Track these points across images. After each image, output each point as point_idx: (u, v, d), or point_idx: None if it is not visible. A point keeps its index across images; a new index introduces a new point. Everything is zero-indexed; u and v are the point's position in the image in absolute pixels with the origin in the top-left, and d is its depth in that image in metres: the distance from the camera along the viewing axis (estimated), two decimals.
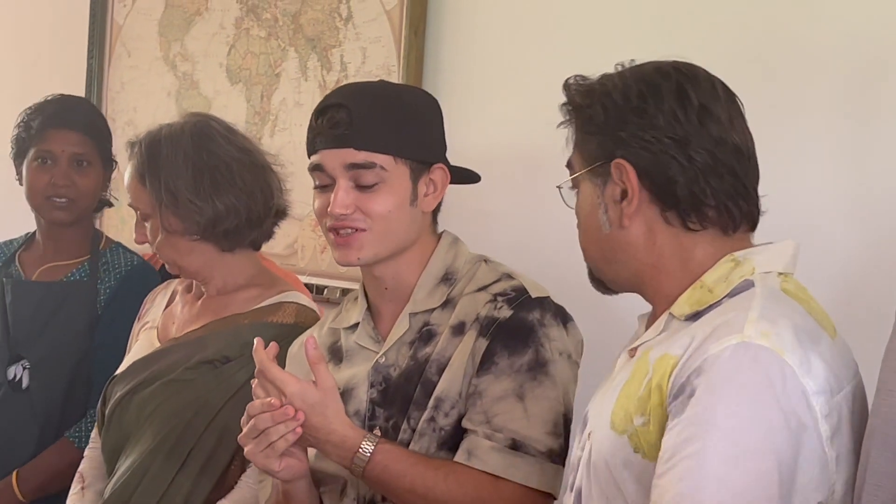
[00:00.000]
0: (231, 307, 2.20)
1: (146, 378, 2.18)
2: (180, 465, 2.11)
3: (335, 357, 1.94)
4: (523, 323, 1.80)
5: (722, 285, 1.52)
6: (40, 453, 2.57)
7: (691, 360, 1.44)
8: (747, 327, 1.42)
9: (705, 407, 1.40)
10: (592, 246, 1.62)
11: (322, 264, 2.83)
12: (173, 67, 3.20)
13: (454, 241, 1.94)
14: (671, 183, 1.54)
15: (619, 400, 1.53)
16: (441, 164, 1.88)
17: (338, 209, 1.82)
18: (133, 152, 2.20)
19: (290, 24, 2.92)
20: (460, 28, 2.61)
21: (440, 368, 1.82)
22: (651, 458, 1.46)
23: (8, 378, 2.62)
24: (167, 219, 2.16)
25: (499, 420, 1.76)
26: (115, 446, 2.21)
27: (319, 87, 2.85)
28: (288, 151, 2.87)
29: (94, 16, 3.36)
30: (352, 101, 1.84)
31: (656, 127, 1.54)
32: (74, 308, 2.60)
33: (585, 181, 1.60)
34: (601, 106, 1.57)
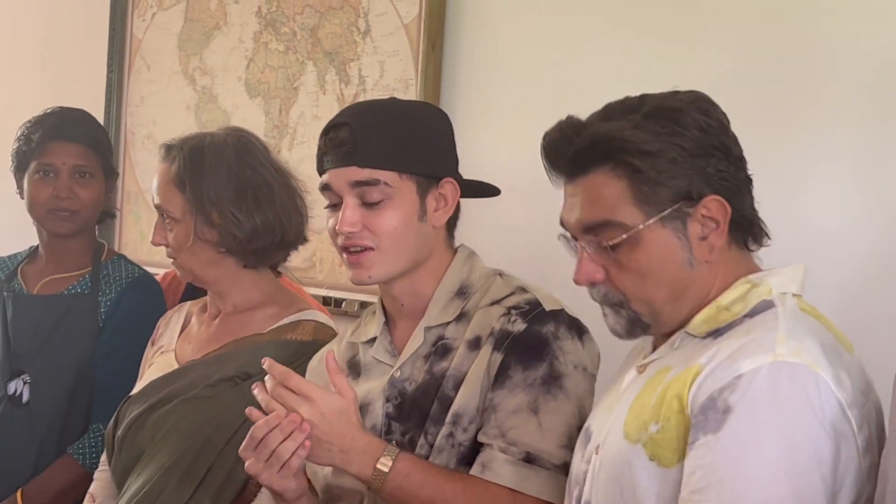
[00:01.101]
0: (250, 326, 2.19)
1: (163, 397, 2.17)
2: (199, 482, 2.10)
3: (353, 371, 1.94)
4: (537, 336, 1.80)
5: (739, 305, 1.54)
6: (42, 469, 2.55)
7: (718, 373, 1.45)
8: (778, 346, 1.45)
9: (748, 427, 1.42)
10: (664, 289, 1.57)
11: (340, 277, 2.82)
12: (192, 81, 3.20)
13: (470, 255, 1.93)
14: (745, 209, 1.57)
15: (632, 410, 1.54)
16: (450, 178, 1.87)
17: (345, 227, 1.82)
18: (171, 156, 2.19)
19: (308, 37, 2.91)
20: (478, 42, 2.61)
21: (457, 383, 1.81)
22: (667, 464, 1.47)
23: (8, 393, 2.60)
24: (201, 228, 2.15)
25: (513, 434, 1.76)
26: (127, 466, 2.19)
27: (337, 101, 2.84)
28: (306, 165, 2.86)
29: (114, 30, 3.37)
30: (355, 120, 1.85)
31: (731, 157, 1.57)
32: (75, 321, 2.58)
33: (655, 228, 1.55)
34: (678, 147, 1.54)
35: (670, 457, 1.48)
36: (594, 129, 1.58)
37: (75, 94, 3.12)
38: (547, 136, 1.62)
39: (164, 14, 3.27)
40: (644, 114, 1.56)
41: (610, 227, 1.55)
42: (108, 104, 3.35)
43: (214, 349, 2.19)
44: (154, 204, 2.21)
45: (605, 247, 1.56)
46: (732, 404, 1.42)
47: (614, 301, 1.59)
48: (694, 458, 1.44)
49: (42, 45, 3.65)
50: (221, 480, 2.10)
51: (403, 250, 1.84)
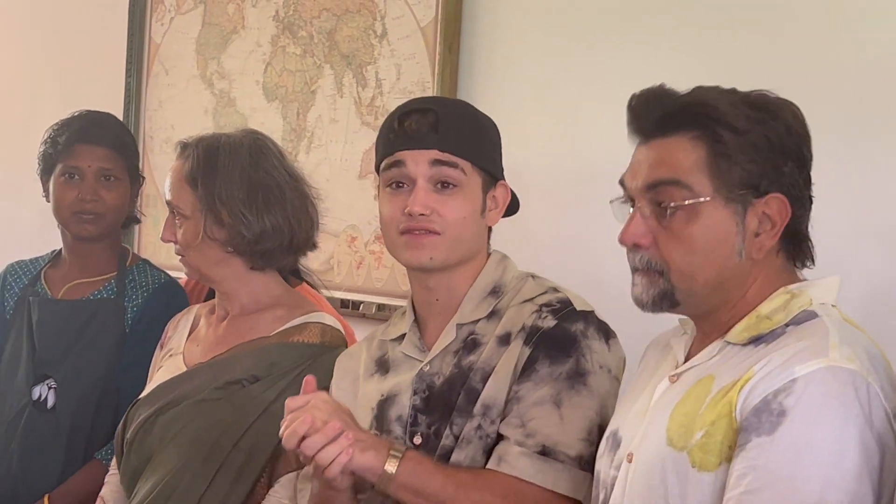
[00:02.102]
0: (257, 329, 2.18)
1: (172, 399, 2.16)
2: (208, 483, 2.09)
3: (382, 368, 1.95)
4: (566, 333, 1.81)
5: (781, 314, 1.55)
6: (69, 474, 2.54)
7: (772, 378, 1.46)
8: (832, 352, 1.45)
9: (803, 429, 1.42)
10: (709, 269, 1.56)
11: (358, 280, 2.82)
12: (210, 85, 3.21)
13: (503, 258, 1.95)
14: (801, 224, 1.57)
15: (674, 419, 1.53)
16: (504, 182, 1.91)
17: (418, 207, 1.83)
18: (186, 153, 2.19)
19: (325, 41, 2.91)
20: (494, 45, 2.60)
21: (484, 376, 1.82)
22: (709, 468, 1.48)
23: (33, 398, 2.58)
24: (211, 226, 2.15)
25: (533, 424, 1.77)
26: (136, 469, 2.19)
27: (355, 104, 2.84)
28: (323, 168, 2.88)
29: (132, 35, 3.37)
30: (439, 108, 1.90)
31: (804, 169, 1.57)
32: (101, 326, 2.57)
33: (717, 205, 1.55)
34: (764, 136, 1.54)
35: (713, 461, 1.48)
36: (690, 95, 1.58)
37: (95, 99, 3.11)
38: (637, 96, 1.61)
39: (182, 18, 3.28)
40: (741, 97, 1.57)
41: (677, 188, 1.55)
42: (126, 108, 3.36)
43: (222, 352, 2.18)
44: (166, 200, 2.21)
45: (664, 207, 1.55)
46: (788, 407, 1.43)
47: (655, 268, 1.57)
48: (746, 458, 1.44)
49: (62, 51, 3.65)
50: (231, 481, 2.10)
51: (463, 241, 1.87)
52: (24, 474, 2.58)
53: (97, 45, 3.50)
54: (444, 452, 1.82)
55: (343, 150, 2.89)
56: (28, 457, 2.58)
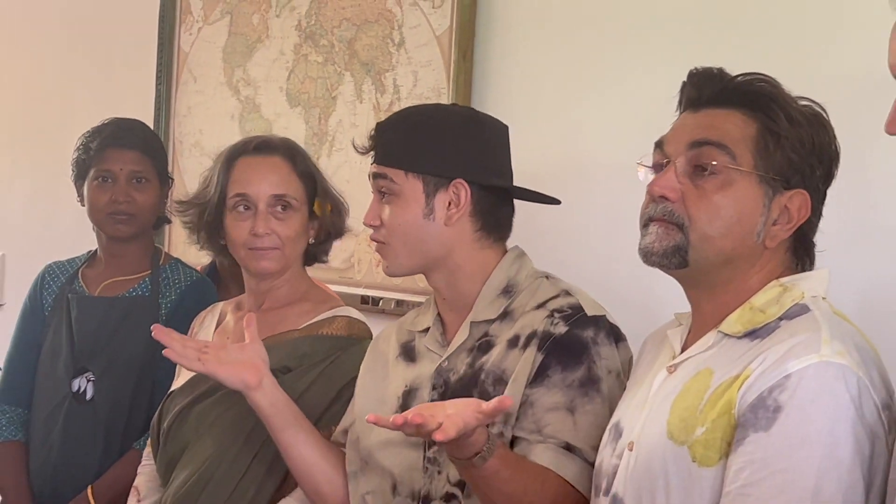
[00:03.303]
0: (285, 322, 2.21)
1: (206, 390, 2.18)
2: (244, 470, 2.11)
3: (408, 356, 1.97)
4: (577, 340, 1.80)
5: (774, 307, 1.55)
6: (107, 463, 2.57)
7: (767, 375, 1.46)
8: (823, 347, 1.46)
9: (798, 424, 1.43)
10: (728, 239, 1.56)
11: (377, 277, 2.84)
12: (236, 92, 3.23)
13: (519, 255, 1.94)
14: (811, 227, 1.60)
15: (675, 412, 1.54)
16: (460, 179, 1.87)
17: (365, 220, 1.92)
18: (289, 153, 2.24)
19: (345, 49, 2.94)
20: (507, 52, 2.62)
21: (496, 380, 1.82)
22: (709, 463, 1.49)
23: (72, 390, 2.62)
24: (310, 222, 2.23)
25: (549, 429, 1.76)
26: (172, 458, 2.21)
27: (373, 109, 2.86)
28: (344, 170, 2.90)
29: (162, 44, 3.40)
30: (383, 123, 1.94)
31: (826, 180, 1.60)
32: (137, 321, 2.58)
33: (751, 181, 1.56)
34: (810, 136, 1.57)
35: (714, 456, 1.48)
36: (755, 76, 1.60)
37: (126, 106, 3.15)
38: (698, 70, 1.62)
39: (210, 28, 3.31)
40: (796, 99, 1.60)
41: (721, 152, 1.55)
42: (157, 115, 3.38)
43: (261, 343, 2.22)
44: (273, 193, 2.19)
45: (702, 167, 1.55)
46: (782, 403, 1.43)
47: (677, 221, 1.56)
48: (743, 453, 1.45)
49: (95, 60, 3.68)
50: (266, 468, 2.12)
51: (411, 246, 1.88)
52: (64, 463, 2.61)
53: (129, 54, 3.54)
54: None
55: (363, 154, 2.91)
56: (68, 446, 2.61)
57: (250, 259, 2.19)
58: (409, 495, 1.88)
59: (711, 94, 1.59)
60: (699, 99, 1.60)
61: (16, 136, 3.94)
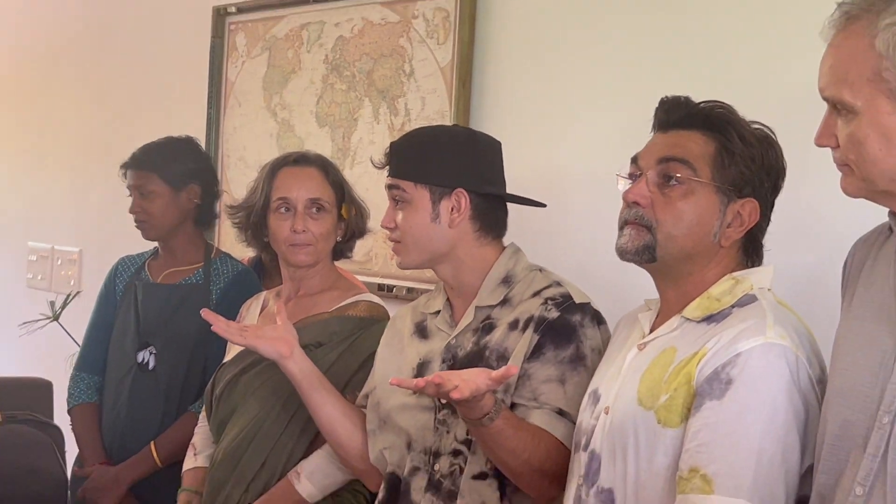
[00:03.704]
0: (318, 306, 2.22)
1: (252, 362, 2.19)
2: (283, 428, 2.13)
3: (421, 333, 1.97)
4: (567, 323, 1.81)
5: (727, 297, 1.56)
6: (167, 424, 2.58)
7: (721, 353, 1.47)
8: (768, 331, 1.47)
9: (746, 394, 1.44)
10: (688, 238, 1.57)
11: (391, 268, 2.84)
12: (274, 115, 3.22)
13: (516, 251, 1.94)
14: (760, 232, 1.61)
15: (644, 382, 1.55)
16: (460, 190, 1.87)
17: (382, 223, 1.93)
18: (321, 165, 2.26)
19: (365, 79, 2.94)
20: (499, 81, 2.62)
21: (499, 356, 1.82)
22: (672, 425, 1.50)
23: (138, 361, 2.63)
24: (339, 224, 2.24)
25: (544, 398, 1.77)
26: (223, 419, 2.22)
27: (388, 129, 2.86)
28: (364, 180, 2.89)
29: (213, 75, 3.39)
30: (397, 142, 1.95)
31: (774, 192, 1.61)
32: (192, 305, 2.59)
33: (709, 191, 1.56)
34: (760, 154, 1.57)
35: (675, 419, 1.49)
36: (715, 103, 1.61)
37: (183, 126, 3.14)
38: (668, 97, 1.63)
39: (252, 62, 3.30)
40: (751, 121, 1.61)
41: (684, 165, 1.56)
42: (208, 133, 3.38)
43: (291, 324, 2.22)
44: (309, 197, 2.20)
45: (668, 177, 1.56)
46: (733, 377, 1.45)
47: (645, 223, 1.58)
48: (700, 418, 1.46)
49: (156, 88, 3.69)
50: (301, 426, 2.13)
51: (421, 245, 1.88)
52: (131, 424, 2.63)
53: (185, 83, 3.54)
54: None
55: None
56: (133, 409, 2.63)
57: (289, 253, 2.20)
58: (422, 451, 1.88)
59: (678, 118, 1.61)
60: (668, 122, 1.62)
61: (90, 152, 3.95)
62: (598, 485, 1.58)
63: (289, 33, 3.17)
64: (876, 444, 1.30)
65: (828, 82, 1.33)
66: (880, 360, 1.33)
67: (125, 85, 3.82)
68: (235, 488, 2.15)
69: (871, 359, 1.34)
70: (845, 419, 1.36)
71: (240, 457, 2.15)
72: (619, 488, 1.55)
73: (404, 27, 2.82)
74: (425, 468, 1.87)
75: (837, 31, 1.33)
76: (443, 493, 1.83)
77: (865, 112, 1.29)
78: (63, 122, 4.11)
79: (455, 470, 1.83)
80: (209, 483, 2.22)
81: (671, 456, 1.49)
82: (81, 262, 3.99)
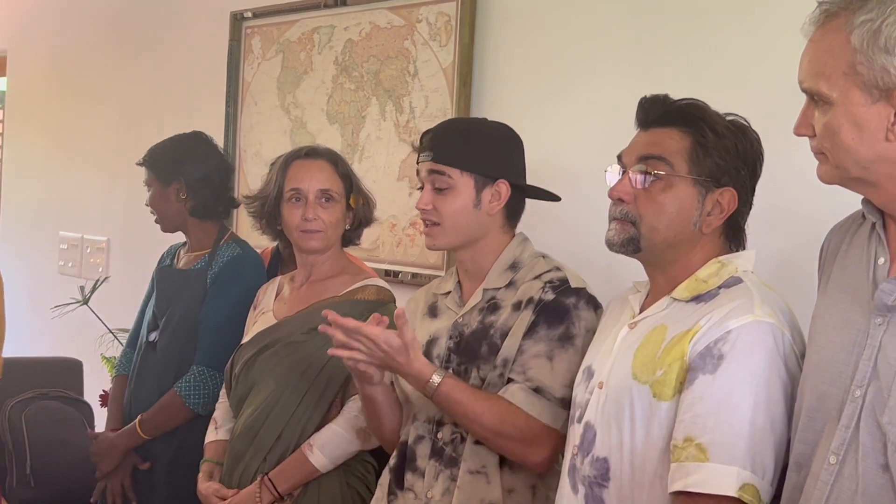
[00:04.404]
0: (329, 290, 2.22)
1: (268, 342, 2.20)
2: (298, 402, 2.13)
3: (432, 312, 1.97)
4: (561, 305, 1.81)
5: (714, 279, 1.56)
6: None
7: (712, 330, 1.48)
8: (756, 309, 1.48)
9: (736, 369, 1.44)
10: (670, 229, 1.57)
11: (397, 255, 2.83)
12: (288, 112, 3.21)
13: (524, 239, 1.94)
14: (741, 217, 1.60)
15: (638, 358, 1.55)
16: (503, 180, 1.88)
17: (420, 205, 1.89)
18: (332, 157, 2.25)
19: (372, 79, 2.92)
20: (497, 81, 2.61)
21: (503, 334, 1.82)
22: (665, 398, 1.51)
23: (149, 340, 2.64)
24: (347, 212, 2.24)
25: (531, 372, 1.78)
26: (241, 396, 2.22)
27: (394, 126, 2.85)
28: (371, 174, 2.89)
29: (230, 76, 3.38)
30: (438, 129, 1.92)
31: (753, 178, 1.60)
32: (190, 288, 2.59)
33: (687, 183, 1.56)
34: (734, 143, 1.57)
35: (669, 393, 1.49)
36: (689, 101, 1.60)
37: (203, 124, 3.14)
38: (647, 97, 1.63)
39: (267, 63, 3.29)
40: (723, 115, 1.60)
41: (662, 162, 1.56)
42: (226, 130, 3.37)
43: (304, 307, 2.22)
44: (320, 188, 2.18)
45: (648, 173, 1.56)
46: (725, 352, 1.45)
47: (629, 218, 1.58)
48: (693, 391, 1.46)
49: (178, 87, 3.68)
50: (315, 401, 2.14)
51: (460, 229, 1.87)
52: (136, 395, 2.64)
53: (205, 83, 3.53)
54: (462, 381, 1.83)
55: (385, 160, 2.90)
56: (139, 383, 2.64)
57: (301, 239, 2.20)
58: (426, 420, 1.90)
59: (655, 116, 1.60)
60: (647, 120, 1.62)
61: (117, 149, 3.95)
62: (592, 454, 1.58)
63: (301, 37, 3.16)
64: (849, 416, 1.30)
65: (806, 75, 1.33)
66: (854, 337, 1.33)
67: (149, 85, 3.81)
68: (253, 459, 2.15)
69: (845, 337, 1.34)
70: (821, 393, 1.36)
71: (257, 430, 2.16)
72: (614, 457, 1.55)
73: (409, 30, 2.81)
74: (429, 436, 1.88)
75: (817, 28, 1.33)
76: (445, 460, 1.84)
77: (840, 103, 1.29)
78: (92, 122, 4.10)
79: (456, 438, 1.84)
80: (229, 454, 2.22)
81: (665, 427, 1.49)
82: (109, 250, 3.99)
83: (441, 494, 1.83)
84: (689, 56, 2.20)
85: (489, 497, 1.79)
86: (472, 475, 1.80)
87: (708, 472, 1.42)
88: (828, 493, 1.30)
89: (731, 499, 1.41)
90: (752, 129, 1.60)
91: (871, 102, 1.27)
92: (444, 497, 1.82)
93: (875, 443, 1.26)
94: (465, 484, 1.80)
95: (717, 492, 1.41)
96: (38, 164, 4.43)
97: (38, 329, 4.16)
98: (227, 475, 2.20)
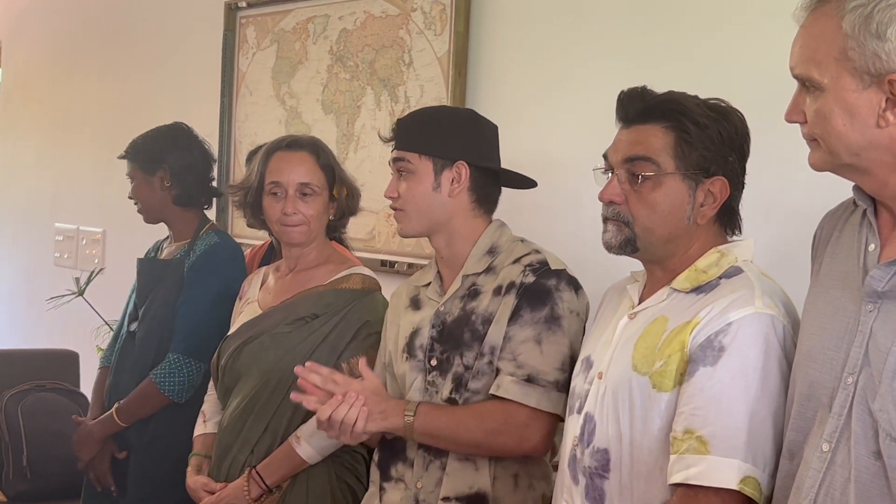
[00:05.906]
0: (314, 280, 2.20)
1: (254, 333, 2.18)
2: (283, 395, 2.10)
3: (414, 304, 1.96)
4: (542, 287, 1.80)
5: (714, 269, 1.55)
6: None
7: (713, 322, 1.47)
8: (757, 301, 1.47)
9: (737, 361, 1.44)
10: (664, 226, 1.56)
11: (392, 245, 2.83)
12: (283, 103, 3.21)
13: (501, 225, 1.94)
14: (734, 202, 1.58)
15: (638, 349, 1.54)
16: (462, 162, 1.87)
17: (386, 193, 1.90)
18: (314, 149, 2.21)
19: (367, 69, 2.92)
20: (492, 70, 2.60)
21: (485, 320, 1.82)
22: (665, 389, 1.49)
23: (129, 330, 2.63)
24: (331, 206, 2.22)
25: (522, 358, 1.77)
26: (228, 387, 2.21)
27: (389, 116, 2.84)
28: (367, 164, 2.89)
29: (225, 66, 3.38)
30: (402, 119, 1.93)
31: (742, 162, 1.57)
32: (167, 279, 2.58)
33: (676, 179, 1.54)
34: (718, 131, 1.54)
35: (669, 384, 1.49)
36: (667, 95, 1.58)
37: (198, 114, 3.15)
38: (625, 92, 1.60)
39: (262, 53, 3.28)
40: (703, 102, 1.57)
41: (648, 163, 1.54)
42: (221, 121, 3.36)
43: (289, 297, 2.20)
44: (300, 182, 2.16)
45: (636, 175, 1.54)
46: (726, 344, 1.44)
47: (623, 220, 1.57)
48: (694, 383, 1.45)
49: (173, 78, 3.68)
50: None
51: (423, 212, 1.87)
52: (115, 385, 2.63)
53: (200, 73, 3.52)
54: (456, 377, 1.83)
55: (381, 150, 2.87)
56: (118, 373, 2.63)
57: (282, 232, 2.19)
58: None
59: (636, 113, 1.58)
60: (627, 116, 1.60)
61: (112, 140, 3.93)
62: (593, 445, 1.57)
63: (296, 26, 3.15)
64: (841, 403, 1.29)
65: (798, 61, 1.32)
66: (845, 325, 1.32)
67: (144, 75, 3.80)
68: (241, 452, 2.14)
69: (836, 324, 1.33)
70: (813, 380, 1.35)
71: (244, 422, 2.14)
72: (614, 448, 1.54)
73: (404, 20, 2.80)
74: None
75: (808, 13, 1.31)
76: (434, 449, 1.84)
77: (831, 89, 1.28)
78: (86, 112, 4.10)
79: None
80: (217, 447, 2.21)
81: (665, 418, 1.49)
82: (105, 241, 3.99)
83: (431, 483, 1.83)
84: (684, 46, 2.19)
85: (478, 484, 1.80)
86: (460, 462, 1.81)
87: (709, 465, 1.41)
88: (820, 480, 1.29)
89: (732, 492, 1.41)
90: (734, 110, 1.58)
91: (862, 88, 1.26)
92: (434, 485, 1.82)
93: (867, 430, 1.25)
94: (453, 471, 1.80)
95: (718, 484, 1.41)
96: (33, 156, 4.42)
97: (34, 321, 4.16)
98: (215, 468, 2.19)
